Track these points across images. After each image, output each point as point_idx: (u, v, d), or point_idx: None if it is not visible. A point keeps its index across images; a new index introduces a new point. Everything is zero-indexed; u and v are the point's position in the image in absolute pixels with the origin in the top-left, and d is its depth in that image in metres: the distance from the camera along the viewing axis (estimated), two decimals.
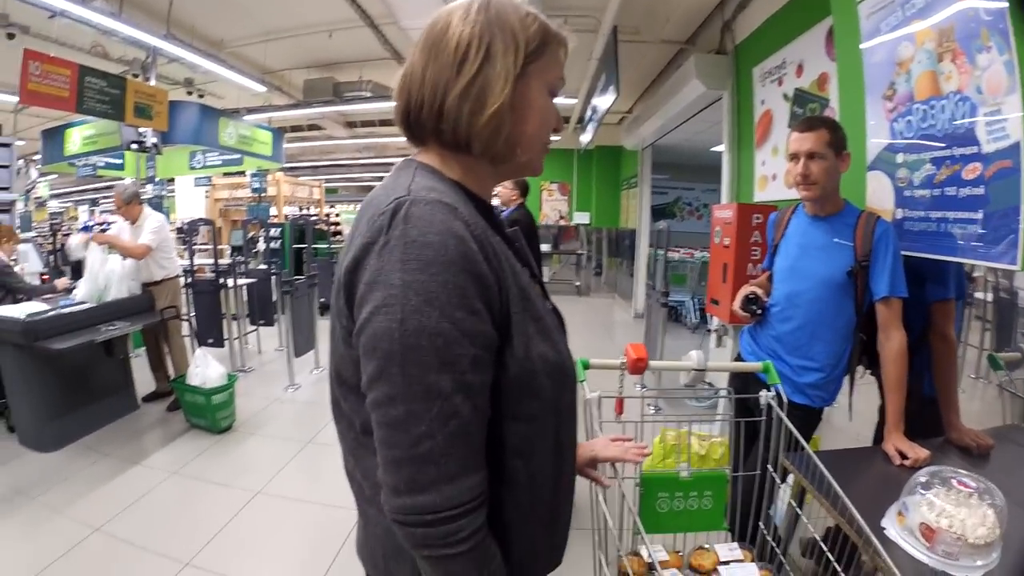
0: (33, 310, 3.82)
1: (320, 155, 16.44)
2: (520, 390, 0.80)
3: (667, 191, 12.33)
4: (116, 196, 4.57)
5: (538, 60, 0.86)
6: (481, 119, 0.81)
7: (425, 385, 0.69)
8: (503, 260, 0.80)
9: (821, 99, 3.56)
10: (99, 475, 3.54)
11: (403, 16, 5.60)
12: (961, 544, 1.23)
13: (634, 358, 1.63)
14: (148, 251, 4.53)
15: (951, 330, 2.04)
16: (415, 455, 0.70)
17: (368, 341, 0.72)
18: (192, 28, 6.89)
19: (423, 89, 0.83)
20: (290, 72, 8.77)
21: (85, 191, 20.72)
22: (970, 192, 1.83)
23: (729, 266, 3.70)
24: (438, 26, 0.84)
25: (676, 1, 5.48)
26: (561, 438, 0.90)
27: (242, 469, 3.68)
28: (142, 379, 4.87)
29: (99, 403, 4.29)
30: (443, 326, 0.69)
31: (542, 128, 0.90)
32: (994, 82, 1.70)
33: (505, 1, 0.86)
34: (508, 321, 0.78)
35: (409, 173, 0.83)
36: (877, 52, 2.28)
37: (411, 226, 0.71)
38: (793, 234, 2.19)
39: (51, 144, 9.94)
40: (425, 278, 0.69)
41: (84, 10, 5.33)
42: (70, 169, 10.69)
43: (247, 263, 7.01)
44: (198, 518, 3.09)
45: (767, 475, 1.72)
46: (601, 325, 8.78)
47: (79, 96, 6.14)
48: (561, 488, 0.94)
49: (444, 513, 0.70)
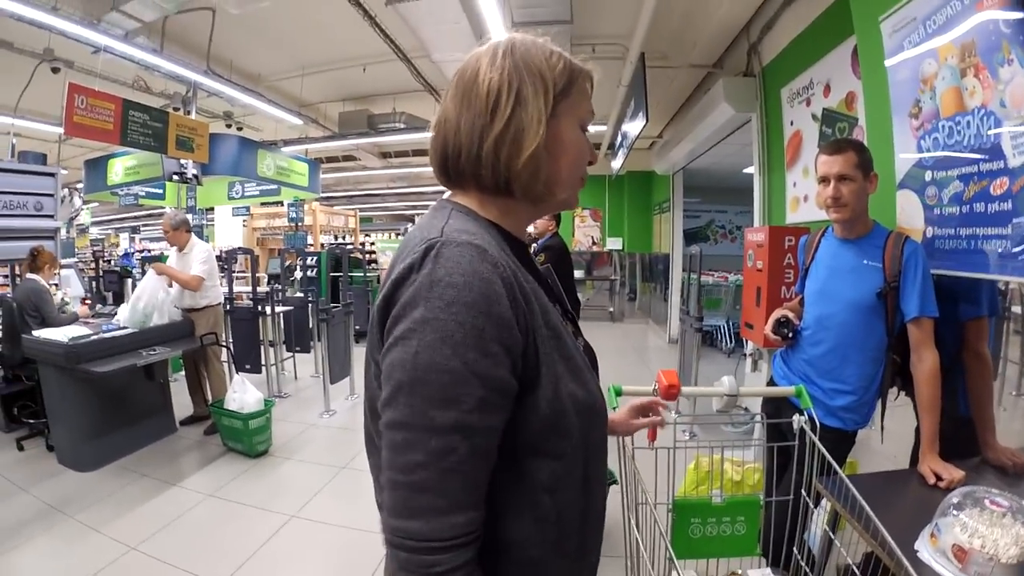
0: (76, 333, 3.94)
1: (355, 185, 16.74)
2: (550, 429, 0.81)
3: (699, 214, 12.24)
4: (165, 222, 4.76)
5: (567, 98, 0.88)
6: (519, 163, 0.83)
7: (426, 419, 0.71)
8: (532, 300, 0.81)
9: (850, 118, 3.53)
10: (136, 495, 3.62)
11: (434, 50, 5.72)
12: (993, 564, 1.20)
13: (666, 384, 1.62)
14: (202, 282, 4.71)
15: (985, 348, 2.00)
16: (409, 481, 0.72)
17: (386, 368, 0.75)
18: (231, 63, 7.13)
19: (459, 136, 0.85)
20: (326, 105, 9.00)
21: (126, 219, 21.46)
22: (999, 207, 1.80)
23: (763, 289, 3.66)
24: (468, 73, 0.86)
25: (702, 25, 5.51)
26: (589, 473, 0.89)
27: (277, 493, 3.72)
28: (180, 403, 4.97)
29: (138, 425, 4.39)
30: (453, 364, 0.70)
31: (578, 164, 0.92)
32: (1018, 95, 1.69)
33: (529, 42, 0.89)
34: (537, 362, 0.79)
35: (444, 214, 0.85)
36: (901, 70, 2.27)
37: (439, 266, 0.73)
38: (823, 257, 2.18)
39: (94, 173, 10.32)
40: (445, 316, 0.71)
41: (127, 47, 5.56)
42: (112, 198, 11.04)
43: (284, 291, 7.15)
44: (233, 540, 3.13)
45: (801, 500, 1.69)
46: (634, 351, 8.70)
47: (123, 129, 6.36)
48: (589, 523, 0.93)
49: (427, 543, 0.71)
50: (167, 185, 10.02)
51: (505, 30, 4.64)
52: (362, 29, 5.73)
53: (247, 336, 5.76)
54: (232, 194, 11.34)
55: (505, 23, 4.65)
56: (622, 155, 7.78)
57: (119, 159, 9.77)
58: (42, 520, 3.27)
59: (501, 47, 0.87)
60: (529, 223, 0.99)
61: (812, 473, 1.66)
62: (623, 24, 5.35)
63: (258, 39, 6.64)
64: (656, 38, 5.44)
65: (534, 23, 4.81)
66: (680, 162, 8.65)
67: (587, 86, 0.92)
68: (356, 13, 5.39)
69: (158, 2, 5.01)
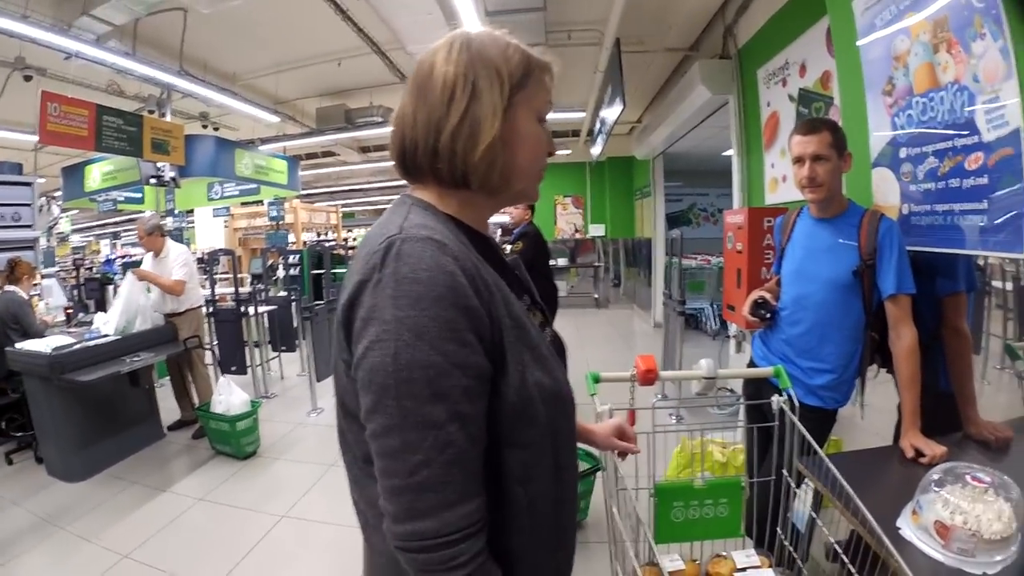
0: (58, 343, 3.91)
1: (335, 181, 16.60)
2: (517, 418, 0.81)
3: (681, 198, 12.27)
4: (139, 228, 4.70)
5: (524, 89, 0.88)
6: (475, 155, 0.83)
7: (420, 416, 0.72)
8: (495, 292, 0.81)
9: (825, 97, 3.54)
10: (127, 503, 3.59)
11: (409, 41, 5.66)
12: (976, 540, 1.20)
13: (643, 370, 1.63)
14: (183, 286, 4.67)
15: (964, 323, 2.01)
16: (413, 483, 0.72)
17: (364, 375, 0.75)
18: (205, 63, 7.04)
19: (416, 130, 0.85)
20: (302, 101, 8.92)
21: (106, 225, 21.17)
22: (974, 182, 1.80)
23: (743, 271, 3.67)
24: (424, 67, 0.87)
25: (677, 8, 5.49)
26: (560, 462, 0.90)
27: (268, 494, 3.71)
28: (167, 408, 4.94)
29: (125, 433, 4.36)
30: (434, 359, 0.71)
31: (535, 156, 0.92)
32: (990, 69, 1.69)
33: (486, 35, 0.88)
34: (503, 351, 0.80)
35: (403, 211, 0.85)
36: (874, 48, 2.27)
37: (402, 263, 0.74)
38: (799, 237, 2.18)
39: (71, 181, 10.19)
40: (416, 313, 0.71)
41: (99, 51, 5.46)
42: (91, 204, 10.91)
43: (267, 290, 7.09)
44: (225, 543, 3.13)
45: (783, 480, 1.70)
46: (620, 337, 8.73)
47: (98, 135, 6.28)
48: (563, 512, 0.94)
49: (443, 539, 0.72)
50: (146, 189, 9.94)
51: (479, 19, 4.62)
52: (335, 23, 5.68)
53: (231, 338, 5.70)
54: (212, 195, 11.22)
55: (478, 12, 4.61)
56: (601, 141, 7.76)
57: (96, 165, 9.65)
58: (35, 533, 3.25)
59: (457, 41, 0.87)
60: (490, 215, 0.99)
61: (793, 453, 1.66)
62: (598, 9, 5.33)
63: (231, 38, 6.54)
64: (631, 23, 5.42)
65: (508, 11, 4.78)
66: (660, 146, 8.67)
67: (545, 78, 0.92)
68: (329, 8, 5.34)
69: (129, 4, 4.91)
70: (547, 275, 4.87)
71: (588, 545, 2.89)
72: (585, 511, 3.12)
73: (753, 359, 2.35)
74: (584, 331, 8.95)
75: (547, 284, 4.75)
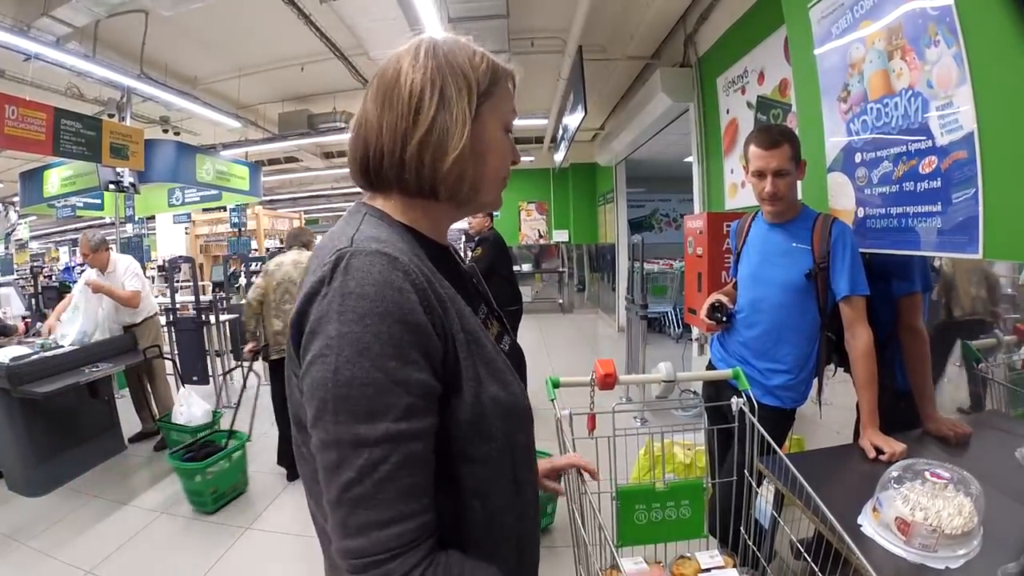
0: (16, 354, 3.80)
1: (299, 187, 16.37)
2: (472, 433, 0.80)
3: (644, 204, 12.43)
4: (82, 245, 4.55)
5: (491, 98, 0.86)
6: (444, 165, 0.81)
7: (354, 434, 0.69)
8: (448, 306, 0.79)
9: (783, 105, 3.61)
10: (89, 517, 3.50)
11: (372, 47, 5.63)
12: (938, 536, 1.22)
13: (602, 374, 1.63)
14: (139, 296, 4.58)
15: (920, 322, 2.06)
16: (345, 500, 0.70)
17: (307, 389, 0.73)
18: (165, 67, 6.89)
19: (381, 139, 0.82)
20: (264, 106, 8.78)
21: (66, 231, 20.63)
22: (928, 186, 1.85)
23: (703, 275, 3.72)
24: (388, 73, 0.84)
25: (639, 18, 5.55)
26: (519, 477, 0.88)
27: (232, 506, 3.63)
28: (128, 420, 4.81)
29: (86, 445, 4.25)
30: (374, 376, 0.69)
31: (502, 165, 0.90)
32: (944, 75, 1.73)
33: (452, 41, 0.86)
34: (456, 366, 0.78)
35: (357, 220, 0.83)
36: (830, 56, 2.31)
37: (349, 277, 0.71)
38: (754, 241, 2.22)
39: (29, 186, 9.84)
40: (359, 329, 0.69)
41: (59, 53, 5.32)
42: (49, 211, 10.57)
43: (229, 299, 6.93)
44: (189, 556, 3.06)
45: (744, 480, 1.71)
46: (584, 341, 8.78)
47: (55, 139, 6.06)
48: (524, 526, 0.92)
49: (371, 558, 0.70)
50: (105, 195, 9.60)
51: (441, 25, 4.60)
52: (298, 28, 5.61)
53: (192, 347, 5.57)
54: (172, 201, 10.94)
55: (441, 18, 4.59)
56: (564, 148, 7.80)
57: (55, 170, 9.31)
58: None
59: (423, 46, 0.84)
60: (450, 224, 0.97)
61: (754, 453, 1.67)
62: (560, 17, 5.38)
63: (193, 41, 6.42)
64: (594, 31, 5.48)
65: (471, 18, 4.76)
66: (622, 153, 8.75)
67: (510, 86, 0.91)
68: (291, 12, 5.26)
69: (89, 6, 4.78)
70: (511, 280, 4.88)
71: (555, 549, 2.89)
72: (552, 516, 3.12)
73: (712, 361, 2.38)
74: (549, 336, 8.99)
75: (511, 289, 4.75)
